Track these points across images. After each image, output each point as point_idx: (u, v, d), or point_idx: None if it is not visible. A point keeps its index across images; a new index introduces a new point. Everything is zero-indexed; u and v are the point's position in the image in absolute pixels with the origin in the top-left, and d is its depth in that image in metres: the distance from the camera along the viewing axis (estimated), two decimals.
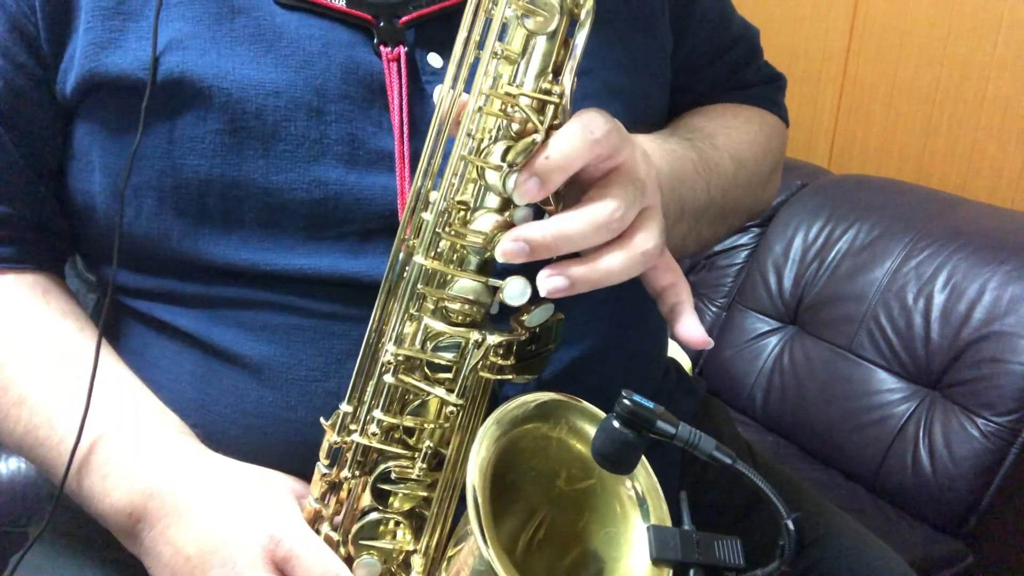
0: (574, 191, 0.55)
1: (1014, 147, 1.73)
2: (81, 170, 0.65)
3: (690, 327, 0.58)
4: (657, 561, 0.53)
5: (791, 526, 0.48)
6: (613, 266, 0.53)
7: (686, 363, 1.95)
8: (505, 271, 0.54)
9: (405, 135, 0.63)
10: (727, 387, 1.85)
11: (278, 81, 0.61)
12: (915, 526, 1.46)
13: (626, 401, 0.50)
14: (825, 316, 1.70)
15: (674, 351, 1.95)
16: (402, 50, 0.63)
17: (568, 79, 0.54)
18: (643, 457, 0.56)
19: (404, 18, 0.64)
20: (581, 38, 0.53)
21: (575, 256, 0.54)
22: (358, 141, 0.62)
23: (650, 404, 0.51)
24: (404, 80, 0.63)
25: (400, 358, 0.55)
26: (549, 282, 0.52)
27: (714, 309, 1.98)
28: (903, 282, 1.58)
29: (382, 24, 0.64)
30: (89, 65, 0.62)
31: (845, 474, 1.59)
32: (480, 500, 0.50)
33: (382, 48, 0.63)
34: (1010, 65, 1.72)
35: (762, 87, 0.87)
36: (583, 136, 0.52)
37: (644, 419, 0.50)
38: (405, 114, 0.63)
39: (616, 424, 0.51)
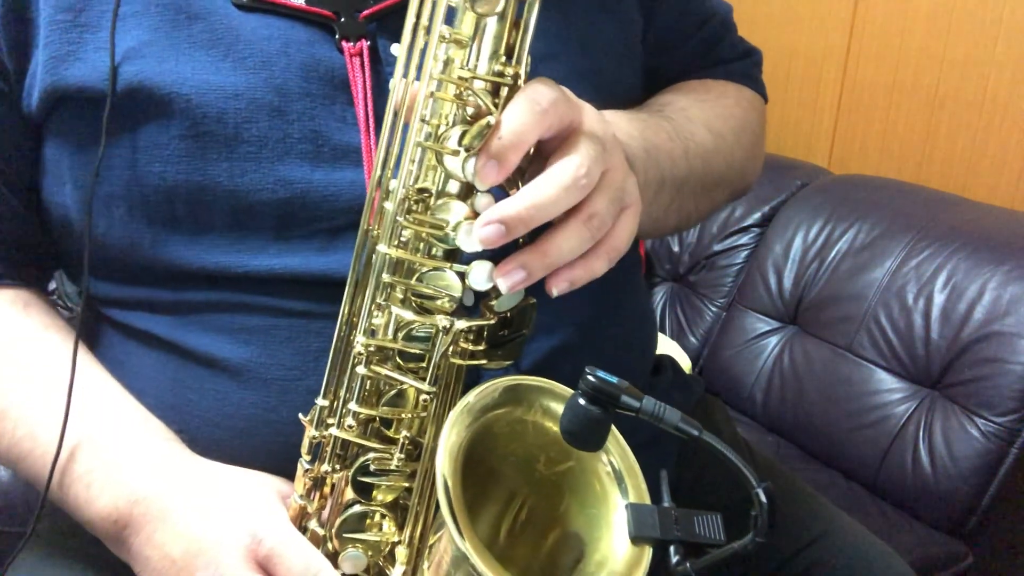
0: (537, 167, 0.55)
1: (1014, 147, 1.73)
2: (53, 184, 0.65)
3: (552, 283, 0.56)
4: (636, 539, 0.53)
5: (762, 495, 0.48)
6: (563, 244, 0.53)
7: (686, 363, 1.95)
8: (473, 257, 0.54)
9: (371, 128, 0.63)
10: (727, 387, 1.85)
11: (237, 84, 0.61)
12: (915, 526, 1.46)
13: (590, 377, 0.50)
14: (825, 316, 1.70)
15: (674, 351, 1.95)
16: (364, 44, 0.64)
17: (522, 60, 0.54)
18: (618, 434, 0.56)
19: (365, 12, 0.65)
20: (532, 18, 0.53)
21: (529, 244, 0.54)
22: (322, 138, 0.63)
23: (614, 379, 0.51)
24: (368, 74, 0.63)
25: (371, 349, 0.55)
26: (508, 278, 0.52)
27: (714, 309, 1.98)
28: (903, 282, 1.59)
29: (343, 20, 0.64)
30: (50, 79, 0.62)
31: (845, 474, 1.60)
32: (451, 487, 0.49)
33: (344, 43, 0.64)
34: (1010, 65, 1.72)
35: (737, 62, 0.87)
36: (530, 109, 0.52)
37: (609, 394, 0.50)
38: (370, 107, 0.63)
39: (582, 401, 0.51)
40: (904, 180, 1.87)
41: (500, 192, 0.55)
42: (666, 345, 1.98)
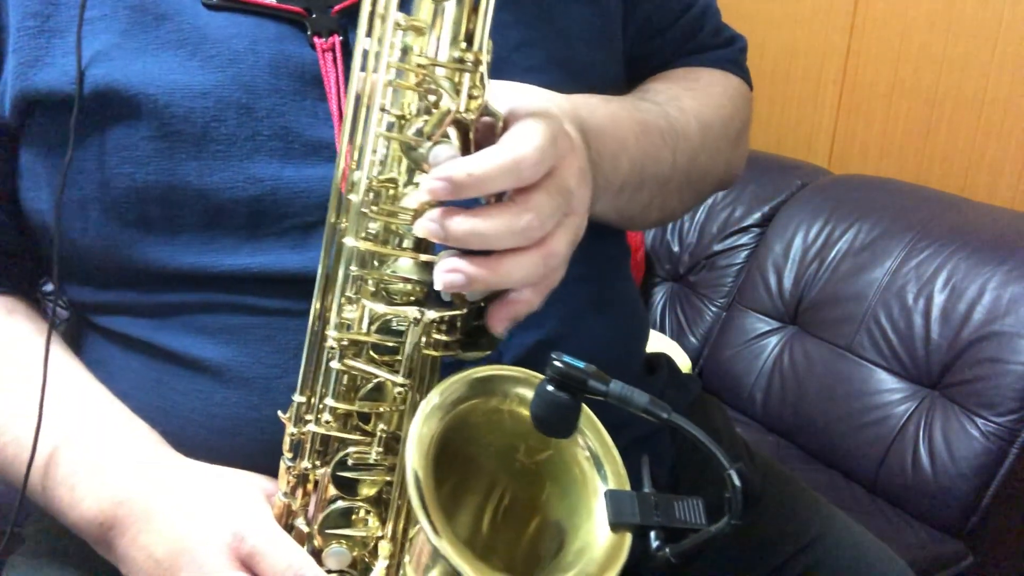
0: None
1: (1014, 147, 1.73)
2: (30, 190, 0.65)
3: (495, 319, 0.55)
4: (615, 526, 0.53)
5: (734, 477, 0.48)
6: (513, 272, 0.52)
7: (685, 363, 1.95)
8: (443, 247, 0.54)
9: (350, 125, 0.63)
10: (727, 387, 1.85)
11: (205, 83, 0.61)
12: (915, 526, 1.46)
13: (557, 363, 0.50)
14: (825, 316, 1.70)
15: (674, 351, 1.95)
16: (336, 39, 0.64)
17: (483, 45, 0.53)
18: (595, 421, 0.56)
19: (337, 7, 0.65)
20: (490, 1, 0.52)
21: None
22: (293, 134, 0.63)
23: (581, 364, 0.50)
24: (340, 68, 0.63)
25: (344, 343, 0.55)
26: (446, 276, 0.51)
27: (714, 309, 1.98)
28: (903, 282, 1.59)
29: (315, 15, 0.64)
30: (20, 85, 0.62)
31: (845, 474, 1.60)
32: (423, 481, 0.49)
33: (316, 39, 0.64)
34: (1010, 65, 1.72)
35: (722, 50, 0.86)
36: (510, 169, 0.50)
37: (576, 379, 0.50)
38: (343, 102, 0.63)
39: (550, 388, 0.51)
40: (904, 180, 1.87)
41: None
42: (666, 345, 1.98)
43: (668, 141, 0.71)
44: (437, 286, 0.52)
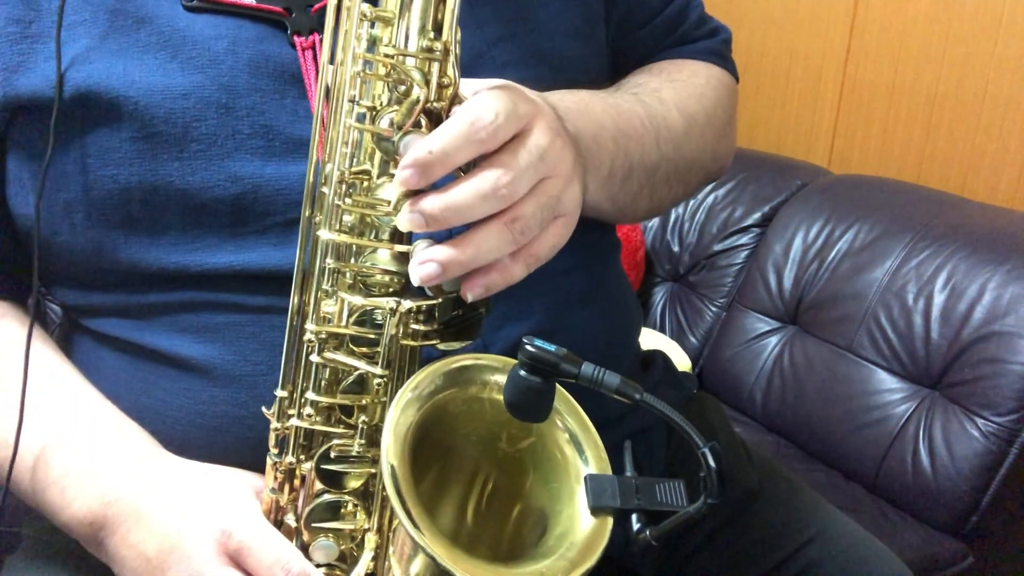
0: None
1: (1014, 147, 1.73)
2: (17, 195, 0.66)
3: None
4: (595, 510, 0.53)
5: (709, 457, 0.48)
6: (480, 244, 0.52)
7: (685, 363, 1.95)
8: (419, 237, 0.54)
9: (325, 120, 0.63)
10: (727, 387, 1.85)
11: (185, 84, 0.62)
12: (915, 526, 1.46)
13: (528, 347, 0.50)
14: (825, 316, 1.70)
15: (674, 351, 1.95)
16: (316, 37, 0.64)
17: (451, 35, 0.53)
18: (573, 403, 0.56)
19: (317, 6, 0.65)
20: None
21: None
22: (273, 132, 0.63)
23: (552, 347, 0.50)
24: (319, 66, 0.64)
25: (322, 336, 0.55)
26: (420, 270, 0.51)
27: (714, 309, 1.98)
28: (903, 282, 1.58)
29: (295, 15, 0.64)
30: (2, 91, 0.62)
31: (845, 474, 1.59)
32: (399, 475, 0.49)
33: (296, 38, 0.64)
34: (1010, 65, 1.71)
35: (705, 41, 0.86)
36: (467, 134, 0.51)
37: (547, 363, 0.50)
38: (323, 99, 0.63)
39: (522, 372, 0.51)
40: (904, 180, 1.87)
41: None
42: (666, 345, 1.98)
43: (648, 127, 0.71)
44: (415, 282, 0.52)
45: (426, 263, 0.51)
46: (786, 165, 2.03)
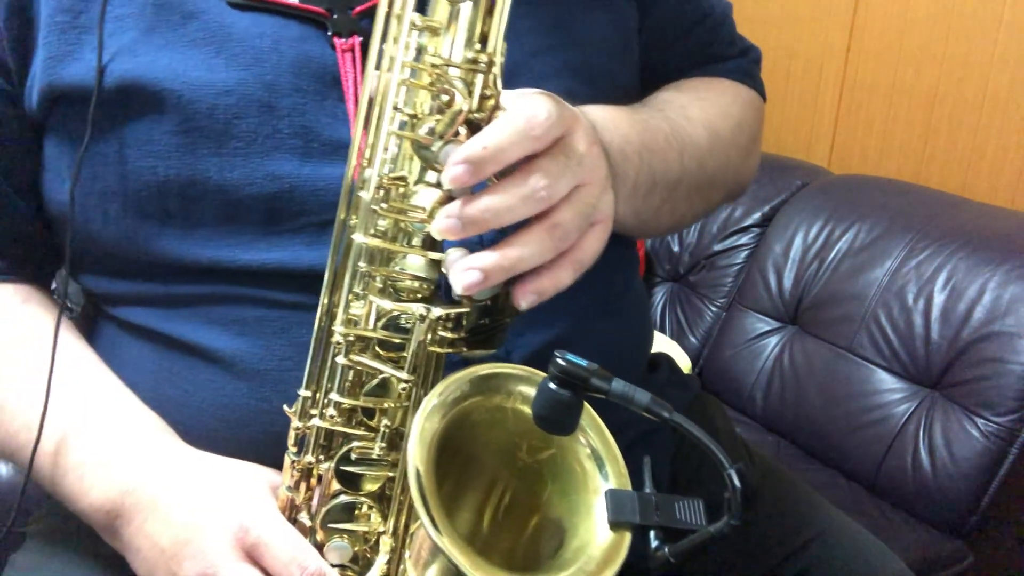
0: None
1: (1014, 147, 1.73)
2: (53, 181, 0.66)
3: (517, 290, 0.55)
4: (614, 525, 0.53)
5: (734, 477, 0.47)
6: (524, 250, 0.52)
7: (685, 363, 1.95)
8: (451, 245, 0.54)
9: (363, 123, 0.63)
10: (727, 387, 1.85)
11: (228, 80, 0.62)
12: (915, 526, 1.46)
13: (560, 361, 0.50)
14: (825, 316, 1.70)
15: (674, 351, 1.95)
16: (356, 40, 0.64)
17: (497, 47, 0.53)
18: (597, 419, 0.56)
19: (358, 8, 0.65)
20: (506, 4, 0.53)
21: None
22: (312, 133, 0.63)
23: (584, 362, 0.50)
24: (359, 69, 0.64)
25: (350, 338, 0.55)
26: (463, 277, 0.52)
27: (714, 309, 1.98)
28: (903, 282, 1.59)
29: (336, 16, 0.65)
30: (48, 78, 0.63)
31: (845, 474, 1.59)
32: (424, 478, 0.49)
33: (336, 40, 0.64)
34: (1010, 65, 1.72)
35: (736, 60, 0.86)
36: (524, 131, 0.51)
37: (578, 377, 0.50)
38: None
39: (552, 385, 0.51)
40: (904, 180, 1.87)
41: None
42: (666, 345, 1.98)
43: (673, 143, 0.71)
44: (457, 290, 0.52)
45: (469, 270, 0.51)
46: (786, 165, 2.03)
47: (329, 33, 0.64)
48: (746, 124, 0.82)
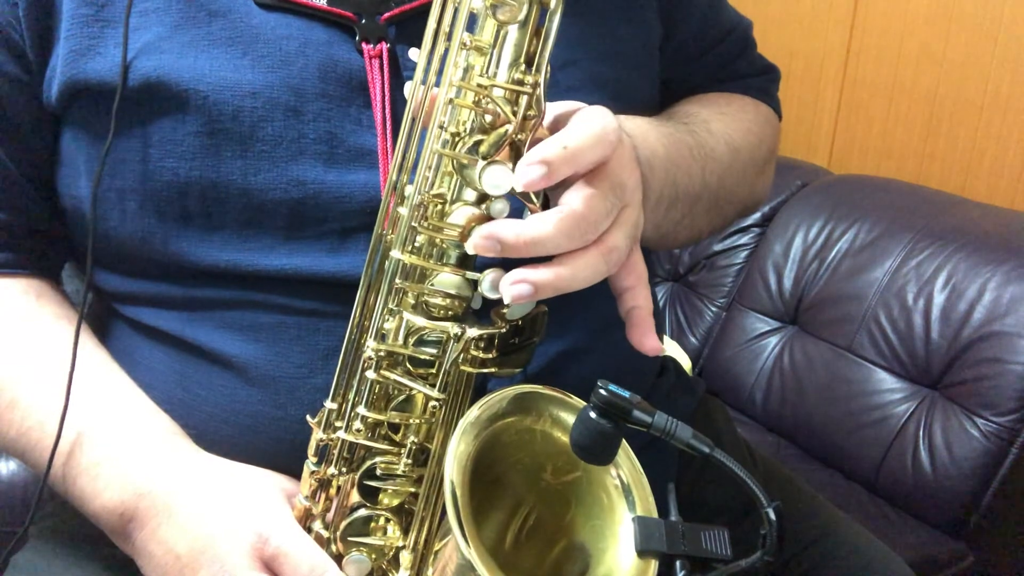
0: (558, 184, 0.55)
1: (1014, 147, 1.73)
2: (69, 175, 0.66)
3: (641, 335, 0.57)
4: (642, 553, 0.53)
5: (771, 515, 0.48)
6: (578, 273, 0.53)
7: (686, 363, 1.95)
8: (485, 264, 0.54)
9: (388, 131, 0.63)
10: (727, 387, 1.85)
11: (255, 82, 0.61)
12: (915, 526, 1.46)
13: (602, 391, 0.50)
14: (825, 316, 1.70)
15: (674, 351, 1.95)
16: (384, 47, 0.64)
17: (542, 69, 0.53)
18: (628, 448, 0.56)
19: (386, 15, 0.65)
20: (553, 27, 0.53)
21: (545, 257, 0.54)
22: (337, 140, 0.63)
23: (626, 393, 0.50)
24: (386, 76, 0.63)
25: (381, 354, 0.55)
26: (513, 289, 0.51)
27: (714, 309, 1.98)
28: (903, 282, 1.58)
29: (364, 21, 0.64)
30: (70, 72, 0.62)
31: (845, 474, 1.59)
32: (459, 495, 0.49)
33: (364, 45, 0.64)
34: (1010, 65, 1.71)
35: (755, 78, 0.87)
36: (601, 136, 0.52)
37: (620, 408, 0.50)
38: (387, 110, 0.63)
39: (593, 415, 0.51)
40: (904, 180, 1.86)
41: (516, 201, 0.55)
42: (666, 345, 1.98)
43: (697, 157, 0.71)
44: (507, 300, 0.52)
45: (519, 283, 0.51)
46: (786, 165, 2.03)
47: (356, 39, 0.64)
48: (764, 142, 0.82)
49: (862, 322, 1.62)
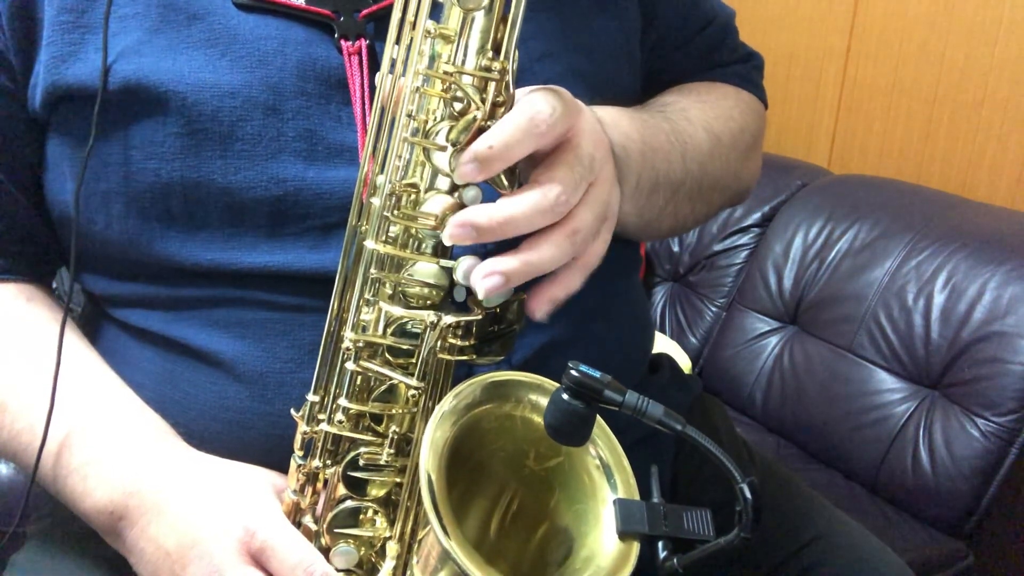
0: (529, 166, 0.55)
1: (1014, 147, 1.73)
2: (55, 181, 0.66)
3: (533, 298, 0.56)
4: (623, 534, 0.53)
5: (746, 491, 0.48)
6: (544, 255, 0.53)
7: (686, 363, 1.95)
8: (461, 252, 0.55)
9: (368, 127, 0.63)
10: (727, 387, 1.85)
11: (233, 82, 0.62)
12: (915, 526, 1.46)
13: (573, 372, 0.50)
14: (825, 316, 1.70)
15: (674, 351, 1.95)
16: (363, 43, 0.64)
17: (510, 55, 0.54)
18: (607, 430, 0.56)
19: (364, 12, 0.65)
20: (520, 12, 0.53)
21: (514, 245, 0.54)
22: (317, 137, 0.63)
23: (597, 374, 0.51)
24: (365, 73, 0.64)
25: (360, 344, 0.55)
26: (486, 282, 0.52)
27: (714, 309, 1.98)
28: (903, 282, 1.59)
29: (342, 19, 0.65)
30: (51, 78, 0.63)
31: (845, 474, 1.60)
32: (436, 484, 0.49)
33: (343, 42, 0.64)
34: (1010, 65, 1.71)
35: (737, 66, 0.87)
36: (528, 128, 0.52)
37: (591, 389, 0.50)
38: (367, 106, 0.63)
39: (565, 396, 0.51)
40: (904, 180, 1.87)
41: (488, 187, 0.55)
42: (666, 345, 1.98)
43: (675, 143, 0.71)
44: (480, 295, 0.52)
45: (490, 275, 0.52)
46: (786, 165, 2.03)
47: (335, 36, 0.64)
48: (747, 129, 0.82)
49: (862, 322, 1.62)
